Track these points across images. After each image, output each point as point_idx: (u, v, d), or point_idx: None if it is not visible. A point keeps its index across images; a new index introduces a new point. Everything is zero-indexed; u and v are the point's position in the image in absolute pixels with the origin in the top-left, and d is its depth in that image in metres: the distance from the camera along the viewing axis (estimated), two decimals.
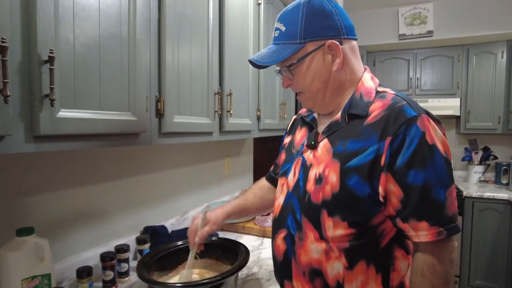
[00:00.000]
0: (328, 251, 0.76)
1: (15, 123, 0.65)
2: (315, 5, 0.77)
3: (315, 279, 0.78)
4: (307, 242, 0.79)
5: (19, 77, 0.65)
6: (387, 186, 0.72)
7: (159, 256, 1.10)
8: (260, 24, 1.80)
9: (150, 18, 1.01)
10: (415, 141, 0.69)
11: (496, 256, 2.71)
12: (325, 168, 0.77)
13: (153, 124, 1.03)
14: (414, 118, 0.70)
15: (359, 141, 0.74)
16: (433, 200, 0.69)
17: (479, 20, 2.85)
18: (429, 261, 0.71)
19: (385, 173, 0.71)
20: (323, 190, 0.77)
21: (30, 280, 0.89)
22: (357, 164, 0.73)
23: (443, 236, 0.69)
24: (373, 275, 0.76)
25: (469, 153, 3.18)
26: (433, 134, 0.71)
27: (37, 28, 0.66)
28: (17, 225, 0.96)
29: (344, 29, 0.79)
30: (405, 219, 0.71)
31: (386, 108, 0.74)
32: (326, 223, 0.76)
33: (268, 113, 1.94)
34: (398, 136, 0.70)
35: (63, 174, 1.13)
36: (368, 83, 0.82)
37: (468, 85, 3.07)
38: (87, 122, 0.79)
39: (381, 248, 0.76)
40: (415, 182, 0.69)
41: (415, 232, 0.71)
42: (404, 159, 0.69)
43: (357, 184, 0.73)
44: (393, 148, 0.70)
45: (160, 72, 1.05)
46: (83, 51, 0.78)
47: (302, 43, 0.78)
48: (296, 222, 0.82)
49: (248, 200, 1.14)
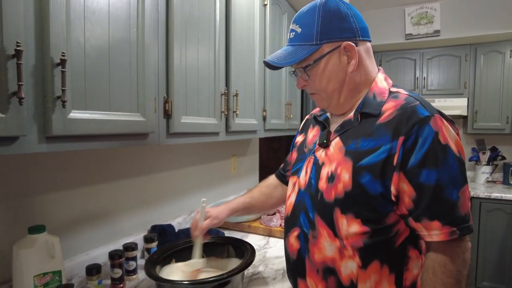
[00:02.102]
0: (342, 249, 0.77)
1: (29, 124, 0.67)
2: (331, 7, 0.78)
3: (328, 277, 0.79)
4: (321, 240, 0.80)
5: (32, 80, 0.67)
6: (399, 186, 0.72)
7: (166, 254, 1.12)
8: (266, 24, 1.81)
9: (158, 20, 1.03)
10: (428, 141, 0.69)
11: (504, 257, 2.69)
12: (337, 166, 0.78)
13: (161, 124, 1.05)
14: (427, 118, 0.71)
15: (371, 140, 0.75)
16: (445, 200, 0.69)
17: (487, 19, 2.82)
18: (441, 260, 0.71)
19: (398, 173, 0.72)
20: (335, 188, 0.77)
21: (42, 277, 0.91)
22: (369, 163, 0.74)
23: (456, 236, 0.69)
24: (386, 275, 0.76)
25: (477, 153, 3.15)
26: (446, 134, 0.71)
27: (50, 32, 0.68)
28: (29, 223, 0.99)
29: (360, 31, 0.80)
30: (418, 219, 0.72)
31: (399, 108, 0.75)
32: (340, 221, 0.77)
33: (274, 113, 1.95)
34: (411, 135, 0.70)
35: (74, 173, 1.15)
36: (382, 83, 0.83)
37: (475, 85, 3.04)
38: (97, 123, 0.80)
39: (395, 248, 0.76)
40: (428, 181, 0.70)
41: (427, 231, 0.71)
42: (417, 158, 0.70)
43: (369, 182, 0.73)
44: (406, 147, 0.71)
45: (168, 73, 1.07)
46: (93, 54, 0.80)
47: (318, 44, 0.78)
48: (309, 221, 0.83)
49: (254, 197, 1.15)
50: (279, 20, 2.02)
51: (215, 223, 1.06)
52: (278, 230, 1.65)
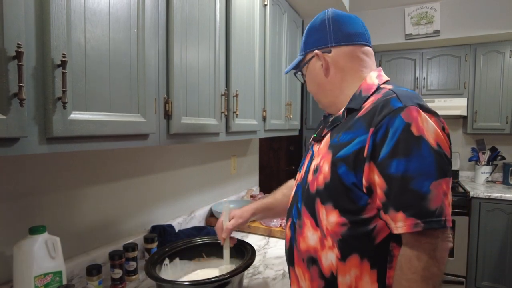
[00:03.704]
0: (323, 239, 0.80)
1: (30, 125, 0.67)
2: (312, 22, 0.93)
3: (311, 266, 0.82)
4: (305, 230, 0.84)
5: (33, 81, 0.67)
6: (370, 177, 0.72)
7: (166, 254, 1.12)
8: (266, 25, 1.81)
9: (158, 21, 1.03)
10: (398, 131, 0.69)
11: (504, 257, 2.69)
12: (322, 159, 0.83)
13: (161, 125, 1.05)
14: (399, 110, 0.70)
15: (349, 132, 0.78)
16: (412, 191, 0.67)
17: (486, 19, 2.82)
18: (407, 254, 0.69)
19: (368, 164, 0.72)
20: (317, 180, 0.82)
21: (43, 277, 0.91)
22: (344, 154, 0.76)
23: (419, 228, 0.66)
24: (367, 270, 0.76)
25: (476, 154, 3.15)
26: (422, 126, 0.69)
27: (51, 34, 0.69)
28: (30, 224, 0.99)
29: (334, 38, 0.88)
30: (386, 210, 0.71)
31: (375, 101, 0.77)
32: (320, 211, 0.80)
33: (274, 113, 1.95)
34: (381, 127, 0.71)
35: (74, 174, 1.15)
36: (371, 80, 0.85)
37: (475, 85, 3.04)
38: (98, 124, 0.81)
39: (376, 244, 0.75)
40: (396, 171, 0.68)
41: (394, 223, 0.70)
42: (387, 149, 0.70)
43: (344, 173, 0.76)
44: (376, 138, 0.71)
45: (168, 74, 1.07)
46: (93, 55, 0.80)
47: (303, 54, 0.95)
48: (297, 211, 0.88)
49: (277, 199, 1.18)
50: (279, 20, 2.02)
51: (240, 222, 1.11)
52: (278, 231, 1.65)
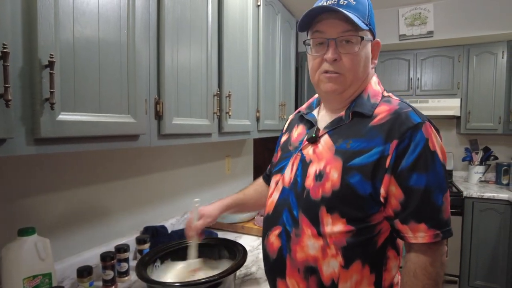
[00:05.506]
0: (325, 248, 0.77)
1: (17, 126, 0.66)
2: None
3: (310, 276, 0.79)
4: (304, 238, 0.79)
5: (20, 82, 0.67)
6: (389, 188, 0.74)
7: (158, 255, 1.12)
8: (259, 25, 1.81)
9: (149, 22, 1.02)
10: (419, 146, 0.72)
11: (497, 256, 2.71)
12: (327, 165, 0.79)
13: (152, 126, 1.05)
14: (420, 125, 0.74)
15: (363, 141, 0.77)
16: (432, 203, 0.72)
17: (480, 20, 2.84)
18: (422, 262, 0.73)
19: (389, 175, 0.73)
20: (323, 187, 0.78)
21: (32, 279, 0.90)
22: (360, 163, 0.75)
23: (439, 238, 0.72)
24: (367, 275, 0.77)
25: (470, 154, 3.17)
26: (435, 142, 0.74)
27: (38, 33, 0.68)
28: (19, 225, 0.98)
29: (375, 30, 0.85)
30: (405, 221, 0.74)
31: (392, 112, 0.77)
32: (325, 219, 0.77)
33: (267, 114, 1.95)
34: (404, 140, 0.73)
35: (65, 175, 1.14)
36: (376, 86, 0.86)
37: (468, 86, 3.06)
38: (87, 125, 0.80)
39: (376, 248, 0.78)
40: (417, 185, 0.72)
41: (413, 233, 0.73)
42: (408, 162, 0.72)
43: (359, 182, 0.74)
44: (399, 151, 0.73)
45: (159, 74, 1.07)
46: (83, 55, 0.80)
47: (367, 26, 0.79)
48: (292, 218, 0.82)
49: (247, 194, 1.15)
50: (273, 21, 2.02)
51: (208, 222, 1.07)
52: None
